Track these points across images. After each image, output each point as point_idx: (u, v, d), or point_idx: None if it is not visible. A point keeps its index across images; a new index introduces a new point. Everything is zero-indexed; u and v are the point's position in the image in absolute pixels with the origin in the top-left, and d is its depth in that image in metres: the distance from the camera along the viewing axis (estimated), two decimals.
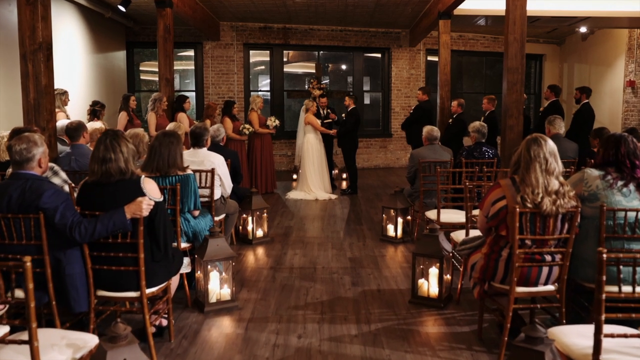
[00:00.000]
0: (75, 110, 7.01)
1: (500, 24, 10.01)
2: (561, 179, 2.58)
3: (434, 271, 3.51)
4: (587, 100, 6.61)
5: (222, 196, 4.45)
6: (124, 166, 2.51)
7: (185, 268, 3.35)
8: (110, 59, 9.44)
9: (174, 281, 3.01)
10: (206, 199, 4.25)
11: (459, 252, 3.03)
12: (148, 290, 2.65)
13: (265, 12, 9.66)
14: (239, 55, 10.76)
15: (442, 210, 4.56)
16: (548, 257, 2.57)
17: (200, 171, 4.16)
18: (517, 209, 2.46)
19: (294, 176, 9.33)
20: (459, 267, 3.93)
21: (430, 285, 3.52)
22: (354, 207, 7.03)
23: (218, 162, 4.26)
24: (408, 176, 5.28)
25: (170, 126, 5.23)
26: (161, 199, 2.61)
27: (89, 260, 2.57)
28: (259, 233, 5.24)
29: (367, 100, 12.02)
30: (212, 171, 4.15)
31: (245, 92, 10.83)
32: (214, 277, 3.46)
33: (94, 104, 6.51)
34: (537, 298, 2.79)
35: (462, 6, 7.92)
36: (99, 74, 8.72)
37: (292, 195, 7.83)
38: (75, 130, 4.32)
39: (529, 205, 2.50)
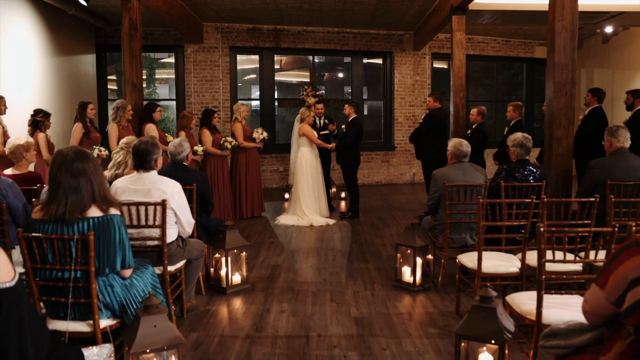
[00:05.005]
0: (24, 120, 5.81)
1: (515, 21, 9.01)
2: None
3: (486, 358, 2.31)
4: None
5: (179, 237, 3.24)
6: None
7: None
8: (76, 62, 8.27)
9: None
10: (155, 243, 3.05)
11: (545, 347, 1.83)
12: None
13: (254, 11, 8.55)
14: (225, 59, 9.62)
15: (475, 253, 3.38)
16: None
17: (145, 204, 2.97)
18: None
19: (286, 195, 8.14)
20: (521, 350, 2.72)
21: None
22: (357, 236, 5.83)
23: (172, 191, 3.06)
24: (429, 203, 4.09)
25: (124, 141, 4.07)
26: (13, 283, 1.39)
27: None
28: (236, 278, 4.02)
29: (367, 110, 10.89)
30: (163, 204, 2.96)
31: (232, 100, 9.65)
32: None
33: (36, 113, 5.33)
34: None
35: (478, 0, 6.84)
36: (60, 79, 7.54)
37: (283, 220, 6.62)
38: None
39: None
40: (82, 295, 2.23)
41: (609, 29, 9.23)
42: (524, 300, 2.47)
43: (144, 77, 10.83)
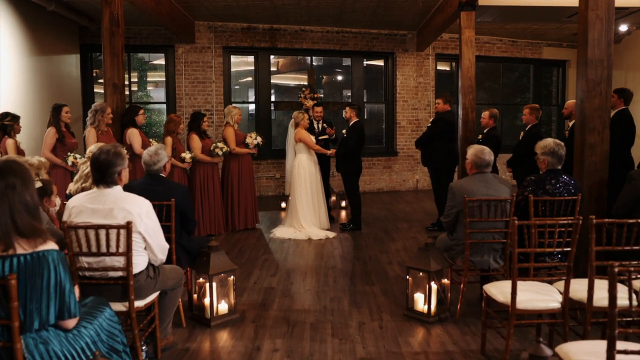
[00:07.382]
0: None
1: (525, 19, 8.51)
2: None
3: None
4: None
5: (150, 265, 2.70)
6: None
7: None
8: (57, 62, 7.73)
9: None
10: (119, 274, 2.51)
11: None
12: None
13: (248, 9, 8.04)
14: (218, 60, 9.09)
15: (505, 282, 2.85)
16: None
17: (107, 227, 2.43)
18: None
19: (283, 204, 7.60)
20: None
21: None
22: (359, 252, 5.29)
23: (139, 211, 2.52)
24: (446, 220, 3.55)
25: (92, 149, 3.54)
26: None
27: None
28: (222, 307, 3.48)
29: (367, 114, 10.36)
30: (128, 227, 2.42)
31: (226, 103, 9.12)
32: None
33: (3, 116, 4.79)
34: None
35: None
36: (39, 79, 6.99)
37: (279, 233, 6.07)
38: None
39: None
40: (3, 358, 1.69)
41: (623, 28, 8.75)
42: (582, 356, 1.93)
43: (135, 79, 10.31)
